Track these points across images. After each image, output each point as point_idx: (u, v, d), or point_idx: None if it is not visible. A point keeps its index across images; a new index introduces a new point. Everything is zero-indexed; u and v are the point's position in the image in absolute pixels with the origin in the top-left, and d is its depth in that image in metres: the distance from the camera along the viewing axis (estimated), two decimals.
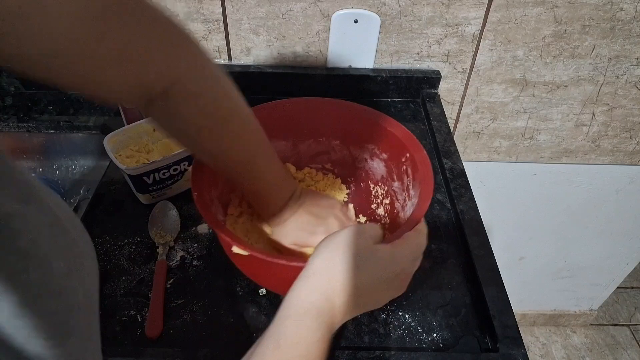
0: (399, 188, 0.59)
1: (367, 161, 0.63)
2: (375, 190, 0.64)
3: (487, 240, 0.63)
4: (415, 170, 0.54)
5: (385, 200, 0.63)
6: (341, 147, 0.64)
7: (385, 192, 0.63)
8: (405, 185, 0.58)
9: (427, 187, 0.50)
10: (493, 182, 1.10)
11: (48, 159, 0.88)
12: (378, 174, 0.63)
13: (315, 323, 0.34)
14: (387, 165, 0.61)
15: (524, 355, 0.51)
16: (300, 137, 0.64)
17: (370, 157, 0.63)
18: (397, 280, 0.40)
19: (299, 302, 0.35)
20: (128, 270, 0.60)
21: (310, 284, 0.36)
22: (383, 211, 0.63)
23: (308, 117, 0.62)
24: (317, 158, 0.66)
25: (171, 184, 0.67)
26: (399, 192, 0.59)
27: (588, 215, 1.20)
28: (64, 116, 0.85)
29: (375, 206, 0.64)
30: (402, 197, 0.59)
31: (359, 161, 0.64)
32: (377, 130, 0.59)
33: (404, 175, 0.58)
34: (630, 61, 0.87)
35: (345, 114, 0.61)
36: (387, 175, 0.61)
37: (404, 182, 0.58)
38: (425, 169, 0.52)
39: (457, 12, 0.80)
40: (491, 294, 0.56)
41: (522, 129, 0.98)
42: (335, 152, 0.65)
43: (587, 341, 1.66)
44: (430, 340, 0.54)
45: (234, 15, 0.81)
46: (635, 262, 1.37)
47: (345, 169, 0.66)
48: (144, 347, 0.51)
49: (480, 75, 0.89)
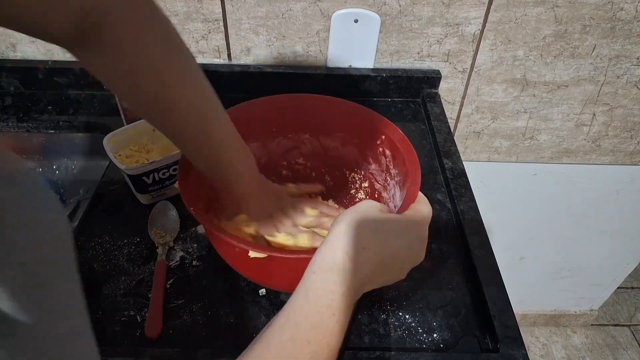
0: (377, 170, 0.61)
1: (338, 149, 0.65)
2: (351, 176, 0.66)
3: (488, 240, 0.63)
4: (395, 150, 0.56)
5: (363, 183, 0.64)
6: (311, 140, 0.65)
7: (362, 176, 0.64)
8: (383, 166, 0.60)
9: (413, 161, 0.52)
10: (493, 182, 1.10)
11: (48, 159, 0.88)
12: (352, 160, 0.64)
13: (339, 278, 0.36)
14: (360, 150, 0.63)
15: (524, 355, 0.51)
16: (269, 135, 0.64)
17: (341, 144, 0.64)
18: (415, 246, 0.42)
19: (325, 260, 0.37)
20: (128, 270, 0.60)
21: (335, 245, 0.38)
22: (363, 194, 0.65)
23: (274, 115, 0.63)
24: (288, 154, 0.67)
25: (171, 184, 0.67)
26: (377, 174, 0.61)
27: (588, 215, 1.20)
28: (63, 116, 0.85)
29: (354, 191, 0.66)
30: (381, 178, 0.61)
31: (331, 150, 0.65)
32: (344, 118, 0.61)
33: (380, 157, 0.59)
34: (630, 61, 0.87)
35: (311, 107, 0.62)
36: (362, 160, 0.63)
37: (382, 163, 0.60)
38: (406, 146, 0.54)
39: (457, 12, 0.80)
40: (491, 294, 0.56)
41: (523, 129, 0.98)
42: (305, 145, 0.66)
43: (588, 341, 1.66)
44: (430, 341, 0.54)
45: (233, 14, 0.81)
46: (635, 262, 1.37)
47: (317, 160, 0.67)
48: (143, 348, 0.51)
49: (480, 75, 0.89)
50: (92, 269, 0.60)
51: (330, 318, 0.35)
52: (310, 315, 0.35)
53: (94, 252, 0.62)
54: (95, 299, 0.57)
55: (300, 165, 0.68)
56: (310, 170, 0.68)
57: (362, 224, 0.39)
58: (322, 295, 0.35)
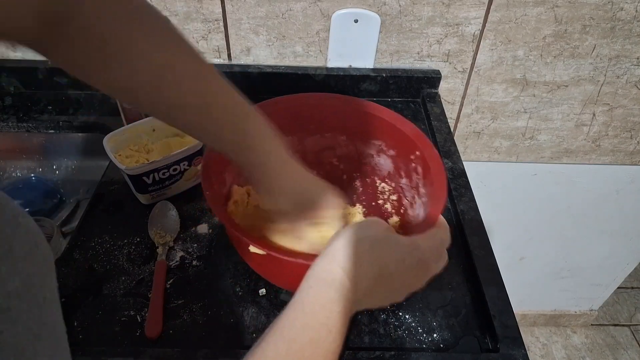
0: (407, 185, 0.60)
1: (373, 157, 0.64)
2: (381, 187, 0.65)
3: (488, 240, 0.63)
4: (426, 168, 0.54)
5: (392, 196, 0.63)
6: (347, 143, 0.65)
7: (392, 189, 0.63)
8: (414, 183, 0.58)
9: (441, 184, 0.51)
10: (493, 182, 1.10)
11: (48, 159, 0.88)
12: (385, 170, 0.63)
13: (336, 295, 0.35)
14: (394, 162, 0.62)
15: (524, 355, 0.51)
16: (307, 132, 0.64)
17: (376, 153, 0.63)
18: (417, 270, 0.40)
19: (322, 275, 0.36)
20: (128, 270, 0.60)
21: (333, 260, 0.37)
22: (390, 207, 0.64)
23: (314, 113, 0.62)
24: (322, 153, 0.66)
25: (171, 184, 0.67)
26: (407, 189, 0.60)
27: (588, 215, 1.20)
28: (63, 116, 0.85)
29: (382, 202, 0.65)
30: (410, 195, 0.59)
31: (365, 157, 0.65)
32: (384, 127, 0.60)
33: (412, 173, 0.58)
34: (630, 61, 0.87)
35: (352, 110, 0.61)
36: (395, 172, 0.62)
37: (413, 180, 0.58)
38: (437, 167, 0.53)
39: (457, 12, 0.80)
40: (491, 294, 0.56)
41: (523, 129, 0.98)
42: (341, 147, 0.65)
43: (588, 341, 1.66)
44: (430, 341, 0.54)
45: (233, 14, 0.81)
46: (635, 262, 1.37)
47: (350, 164, 0.66)
48: (143, 348, 0.51)
49: (480, 75, 0.89)
50: (92, 269, 0.60)
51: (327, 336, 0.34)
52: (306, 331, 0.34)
53: (94, 252, 0.62)
54: (95, 299, 0.57)
55: (334, 166, 0.67)
56: (342, 173, 0.67)
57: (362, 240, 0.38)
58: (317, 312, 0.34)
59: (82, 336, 0.53)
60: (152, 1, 0.78)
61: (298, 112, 0.61)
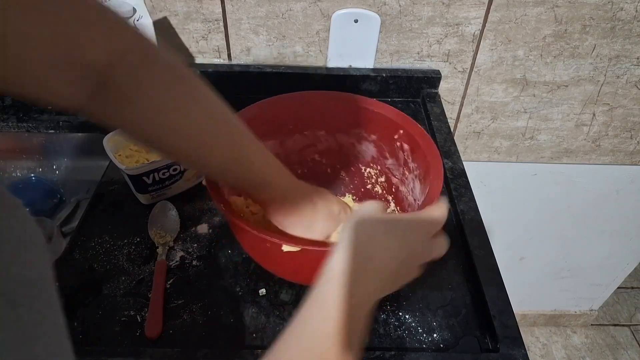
0: (394, 164, 0.61)
1: (354, 145, 0.65)
2: (367, 172, 0.66)
3: (488, 240, 0.63)
4: (414, 144, 0.56)
5: (380, 178, 0.65)
6: (326, 137, 0.66)
7: (378, 171, 0.65)
8: (401, 161, 0.60)
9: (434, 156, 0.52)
10: (493, 182, 1.10)
11: (48, 159, 0.88)
12: (368, 156, 0.65)
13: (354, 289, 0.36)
14: (377, 146, 0.63)
15: (524, 355, 0.51)
16: (286, 133, 0.65)
17: (357, 141, 0.65)
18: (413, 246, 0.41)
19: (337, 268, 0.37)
20: (128, 270, 0.60)
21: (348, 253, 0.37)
22: (380, 189, 0.66)
23: (291, 113, 0.63)
24: (304, 152, 0.67)
25: (171, 184, 0.67)
26: (395, 169, 0.62)
27: (588, 215, 1.20)
28: (63, 116, 0.85)
29: (370, 186, 0.67)
30: (399, 173, 0.61)
31: (347, 147, 0.66)
32: (360, 114, 0.61)
33: (398, 152, 0.60)
34: (630, 61, 0.87)
35: (326, 104, 0.62)
36: (378, 155, 0.64)
37: (400, 158, 0.60)
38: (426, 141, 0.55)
39: (457, 12, 0.80)
40: (491, 294, 0.56)
41: (523, 129, 0.98)
42: (321, 142, 0.66)
43: (588, 341, 1.66)
44: (430, 341, 0.54)
45: (233, 14, 0.81)
46: (635, 262, 1.37)
47: (333, 157, 0.67)
48: (143, 348, 0.51)
49: (480, 75, 0.89)
50: (92, 269, 0.60)
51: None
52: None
53: (94, 252, 0.62)
54: (95, 299, 0.57)
55: (316, 162, 0.68)
56: (326, 167, 0.69)
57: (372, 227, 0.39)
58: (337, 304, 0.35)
59: (82, 336, 0.53)
60: (152, 1, 0.78)
61: (276, 114, 0.62)
